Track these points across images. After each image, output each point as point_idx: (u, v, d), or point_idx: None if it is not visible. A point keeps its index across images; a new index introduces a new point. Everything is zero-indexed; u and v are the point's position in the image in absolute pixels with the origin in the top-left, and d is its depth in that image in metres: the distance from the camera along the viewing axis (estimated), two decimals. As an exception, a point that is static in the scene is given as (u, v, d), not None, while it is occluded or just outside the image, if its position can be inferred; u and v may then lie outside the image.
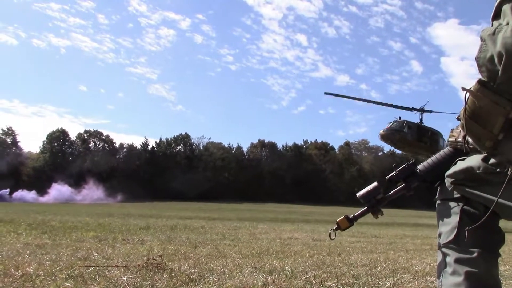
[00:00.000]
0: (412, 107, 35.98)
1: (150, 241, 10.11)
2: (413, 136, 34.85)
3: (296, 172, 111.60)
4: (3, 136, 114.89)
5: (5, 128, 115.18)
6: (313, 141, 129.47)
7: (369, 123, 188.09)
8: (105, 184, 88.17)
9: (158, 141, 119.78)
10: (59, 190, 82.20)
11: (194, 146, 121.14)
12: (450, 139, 2.70)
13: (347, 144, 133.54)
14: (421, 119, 36.21)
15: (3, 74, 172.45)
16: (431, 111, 36.03)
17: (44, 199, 77.45)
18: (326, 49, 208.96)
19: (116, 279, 5.12)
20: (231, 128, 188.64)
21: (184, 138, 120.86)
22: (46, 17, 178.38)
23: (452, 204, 2.52)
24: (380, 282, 5.33)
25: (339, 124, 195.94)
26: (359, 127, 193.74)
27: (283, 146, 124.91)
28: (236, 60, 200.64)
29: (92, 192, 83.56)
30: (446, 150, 2.74)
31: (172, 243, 9.85)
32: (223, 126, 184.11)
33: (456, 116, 2.32)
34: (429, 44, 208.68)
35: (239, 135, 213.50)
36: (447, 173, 2.54)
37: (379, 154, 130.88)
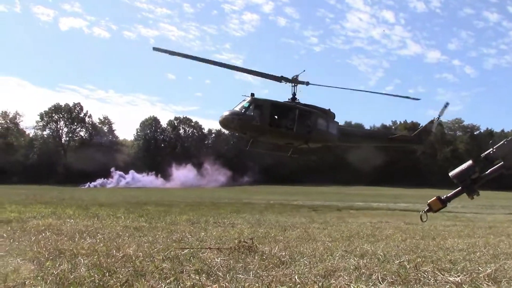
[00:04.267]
0: (282, 76, 26.24)
1: (240, 224, 10.32)
2: (263, 120, 25.67)
3: (385, 154, 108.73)
4: (100, 125, 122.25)
5: (101, 118, 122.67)
6: (402, 122, 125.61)
7: (464, 100, 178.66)
8: (229, 169, 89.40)
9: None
10: (184, 175, 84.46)
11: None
12: None
13: (439, 123, 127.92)
14: (294, 94, 26.86)
15: (98, 66, 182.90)
16: (307, 83, 26.57)
17: (170, 184, 79.91)
18: (414, 25, 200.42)
19: (210, 260, 5.28)
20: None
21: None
22: (135, 9, 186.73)
23: None
24: (480, 268, 5.05)
25: (430, 102, 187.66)
26: (452, 105, 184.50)
27: (370, 128, 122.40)
28: (320, 41, 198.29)
29: (216, 176, 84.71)
30: None
31: (262, 226, 9.99)
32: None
33: None
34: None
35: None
36: None
37: (476, 133, 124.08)
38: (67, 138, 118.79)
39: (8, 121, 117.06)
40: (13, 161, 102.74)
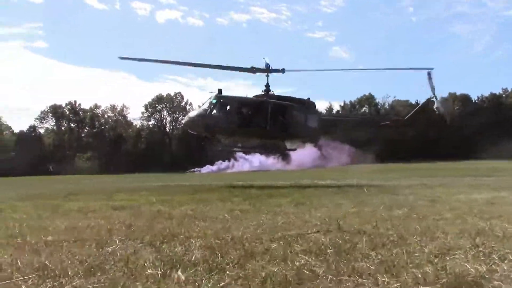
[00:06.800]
0: (252, 67, 23.30)
1: (345, 204, 10.19)
2: (230, 120, 22.62)
3: (496, 125, 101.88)
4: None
5: (201, 104, 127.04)
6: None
7: None
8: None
9: (342, 104, 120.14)
10: (304, 155, 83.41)
11: (379, 106, 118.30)
12: None
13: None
14: (267, 86, 23.66)
15: (195, 55, 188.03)
16: (283, 70, 23.50)
17: (290, 166, 79.62)
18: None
19: (317, 241, 5.28)
20: (418, 83, 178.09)
21: (368, 99, 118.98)
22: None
23: None
24: None
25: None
26: None
27: (478, 98, 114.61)
28: (416, 10, 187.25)
29: (337, 155, 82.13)
30: None
31: (367, 205, 9.79)
32: (408, 82, 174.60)
33: None
34: None
35: (427, 90, 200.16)
36: None
37: None
38: (171, 127, 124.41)
39: (116, 113, 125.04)
40: (123, 151, 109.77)
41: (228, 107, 23.20)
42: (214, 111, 22.96)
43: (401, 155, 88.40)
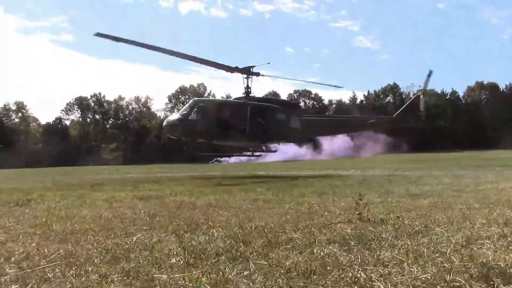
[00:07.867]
0: (236, 67, 22.49)
1: (369, 194, 10.08)
2: (208, 123, 22.27)
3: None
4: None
5: (224, 96, 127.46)
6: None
7: None
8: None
9: (366, 94, 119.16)
10: (337, 145, 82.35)
11: (404, 96, 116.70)
12: None
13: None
14: (247, 88, 22.99)
15: (218, 45, 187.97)
16: (258, 74, 22.88)
17: (321, 156, 78.67)
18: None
19: (340, 230, 5.25)
20: (445, 72, 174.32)
21: (392, 88, 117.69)
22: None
23: None
24: None
25: None
26: None
27: (506, 86, 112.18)
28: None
29: (370, 145, 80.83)
30: None
31: (391, 195, 9.70)
32: (435, 71, 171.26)
33: None
34: None
35: (453, 79, 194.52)
36: None
37: None
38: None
39: (140, 105, 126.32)
40: (147, 142, 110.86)
41: (207, 111, 22.96)
42: (193, 114, 22.79)
43: (428, 146, 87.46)
